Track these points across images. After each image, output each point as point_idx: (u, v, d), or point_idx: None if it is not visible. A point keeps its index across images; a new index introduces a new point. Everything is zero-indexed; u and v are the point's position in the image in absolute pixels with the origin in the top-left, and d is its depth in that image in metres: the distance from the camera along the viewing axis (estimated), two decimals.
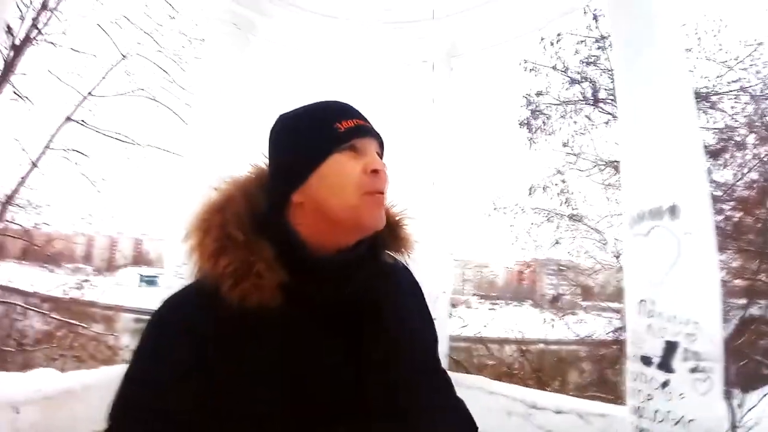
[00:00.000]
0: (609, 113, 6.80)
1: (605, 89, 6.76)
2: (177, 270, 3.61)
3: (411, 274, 0.89)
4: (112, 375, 3.15)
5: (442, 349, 3.28)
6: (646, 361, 2.08)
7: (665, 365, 2.02)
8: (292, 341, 0.66)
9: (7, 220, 8.53)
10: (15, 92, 8.15)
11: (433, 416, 0.78)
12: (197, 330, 0.65)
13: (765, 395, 3.86)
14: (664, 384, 2.00)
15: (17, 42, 7.76)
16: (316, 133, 0.71)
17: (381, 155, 0.76)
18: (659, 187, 2.25)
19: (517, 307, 14.49)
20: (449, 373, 0.95)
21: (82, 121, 8.86)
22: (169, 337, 0.67)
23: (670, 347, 2.02)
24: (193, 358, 0.63)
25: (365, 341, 0.70)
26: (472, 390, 2.89)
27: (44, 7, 8.14)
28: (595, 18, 6.41)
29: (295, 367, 0.65)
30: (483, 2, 4.02)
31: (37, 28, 8.20)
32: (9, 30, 7.41)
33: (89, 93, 8.95)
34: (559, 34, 7.28)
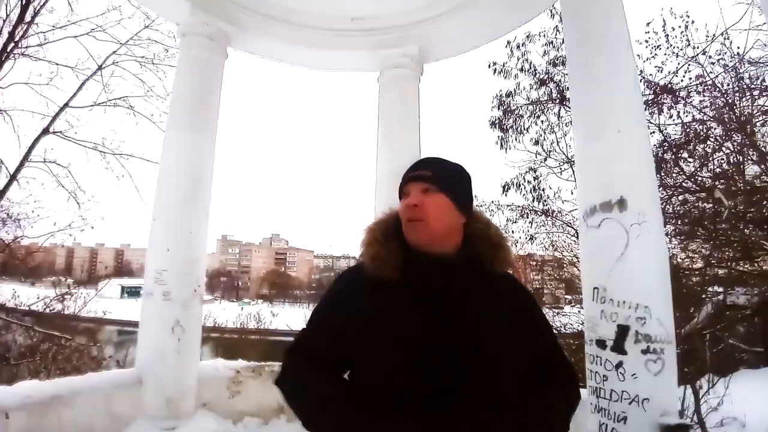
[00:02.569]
0: None
1: None
2: (157, 276, 3.65)
3: (515, 282, 1.25)
4: (98, 381, 3.19)
5: None
6: (600, 344, 2.23)
7: (618, 347, 2.17)
8: (402, 300, 1.07)
9: None
10: None
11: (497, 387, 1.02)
12: (356, 285, 1.14)
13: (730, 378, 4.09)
14: (618, 365, 2.15)
15: None
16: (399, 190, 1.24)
17: (436, 186, 1.15)
18: (609, 181, 2.40)
19: None
20: None
21: (60, 132, 8.76)
22: (341, 286, 1.19)
23: (622, 330, 2.17)
24: (353, 300, 1.12)
25: (452, 313, 1.06)
26: None
27: (20, 20, 8.04)
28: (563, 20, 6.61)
29: (401, 315, 1.06)
30: (452, 9, 4.16)
31: (14, 41, 8.10)
32: None
33: (66, 104, 8.85)
34: (527, 35, 7.53)
